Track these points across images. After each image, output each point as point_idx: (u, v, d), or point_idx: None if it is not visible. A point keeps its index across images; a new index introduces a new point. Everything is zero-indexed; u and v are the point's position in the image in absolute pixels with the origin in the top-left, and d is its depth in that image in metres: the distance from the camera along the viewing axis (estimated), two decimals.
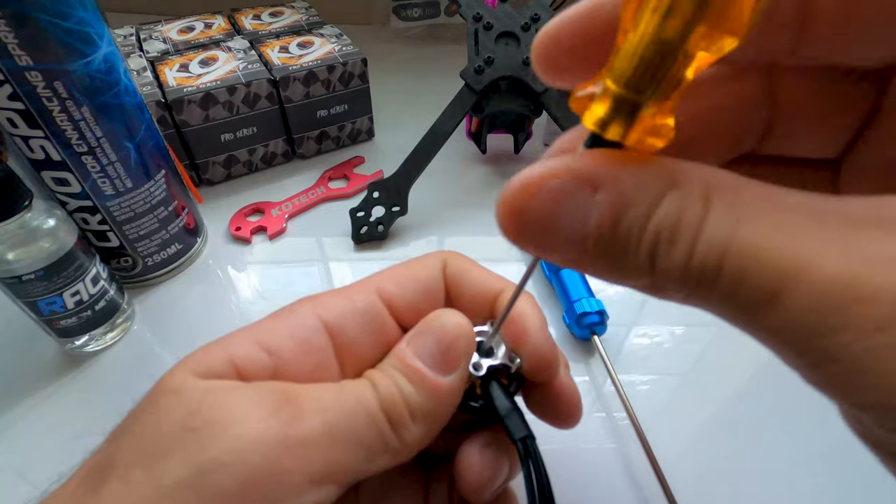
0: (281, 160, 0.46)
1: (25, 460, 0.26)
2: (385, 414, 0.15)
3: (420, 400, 0.16)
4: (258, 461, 0.13)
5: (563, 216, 0.10)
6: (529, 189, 0.10)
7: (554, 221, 0.10)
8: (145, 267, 0.34)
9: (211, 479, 0.13)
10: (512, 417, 0.17)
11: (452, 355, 0.16)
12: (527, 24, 0.38)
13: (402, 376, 0.16)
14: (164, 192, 0.33)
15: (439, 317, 0.17)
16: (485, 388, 0.17)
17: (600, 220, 0.10)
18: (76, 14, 0.25)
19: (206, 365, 0.15)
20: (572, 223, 0.10)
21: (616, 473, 0.26)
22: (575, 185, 0.10)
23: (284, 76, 0.40)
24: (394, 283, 0.19)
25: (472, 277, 0.19)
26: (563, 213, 0.10)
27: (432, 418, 0.16)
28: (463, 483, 0.17)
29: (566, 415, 0.19)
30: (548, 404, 0.19)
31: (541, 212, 0.10)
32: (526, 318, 0.18)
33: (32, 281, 0.26)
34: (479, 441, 0.18)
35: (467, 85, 0.38)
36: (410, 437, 0.16)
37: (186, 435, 0.14)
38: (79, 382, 0.30)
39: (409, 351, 0.16)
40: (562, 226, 0.10)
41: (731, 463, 0.26)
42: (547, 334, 0.18)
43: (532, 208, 0.10)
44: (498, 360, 0.17)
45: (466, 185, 0.44)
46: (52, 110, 0.26)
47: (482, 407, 0.17)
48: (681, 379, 0.29)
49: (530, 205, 0.10)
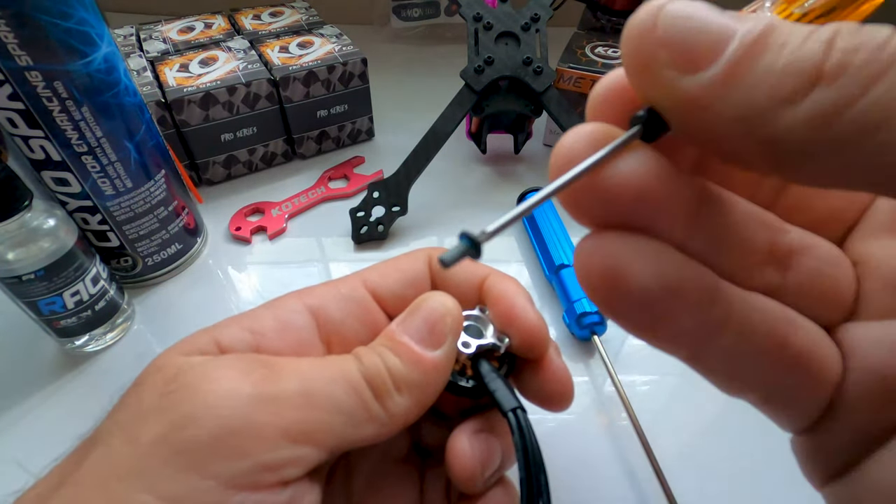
0: (281, 160, 0.46)
1: (25, 460, 0.26)
2: (368, 383, 0.15)
3: (405, 371, 0.16)
4: (229, 413, 0.14)
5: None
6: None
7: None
8: (145, 267, 0.34)
9: (184, 434, 0.13)
10: (501, 390, 0.17)
11: (439, 330, 0.16)
12: (527, 24, 0.38)
13: (389, 351, 0.16)
14: (164, 192, 0.33)
15: (427, 298, 0.17)
16: (475, 367, 0.17)
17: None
18: (76, 14, 0.25)
19: (191, 345, 0.16)
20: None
21: (616, 473, 0.26)
22: None
23: (284, 76, 0.40)
24: (378, 274, 0.19)
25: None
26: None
27: (419, 390, 0.16)
28: (453, 470, 0.17)
29: (559, 395, 0.19)
30: (539, 386, 0.19)
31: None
32: (512, 295, 0.18)
33: (32, 281, 0.26)
34: (469, 427, 0.18)
35: (467, 85, 0.38)
36: (395, 408, 0.16)
37: (163, 400, 0.14)
38: (79, 382, 0.30)
39: (398, 329, 0.17)
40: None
41: (731, 463, 0.26)
42: (534, 309, 0.18)
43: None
44: (487, 339, 0.18)
45: (466, 185, 0.44)
46: (52, 110, 0.26)
47: (473, 387, 0.17)
48: (681, 379, 0.29)
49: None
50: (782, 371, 0.12)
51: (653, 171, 0.10)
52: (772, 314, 0.12)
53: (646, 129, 0.10)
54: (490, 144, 0.45)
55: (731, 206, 0.13)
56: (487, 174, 0.45)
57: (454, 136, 0.39)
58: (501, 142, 0.46)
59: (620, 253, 0.11)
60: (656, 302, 0.11)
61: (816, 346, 0.12)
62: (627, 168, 0.10)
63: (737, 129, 0.09)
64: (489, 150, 0.45)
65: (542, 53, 0.38)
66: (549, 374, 0.19)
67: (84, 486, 0.14)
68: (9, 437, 0.27)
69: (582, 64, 0.42)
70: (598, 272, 0.11)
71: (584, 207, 0.11)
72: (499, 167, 0.45)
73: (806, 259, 0.13)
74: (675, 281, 0.11)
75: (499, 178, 0.44)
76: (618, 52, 0.44)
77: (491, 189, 0.43)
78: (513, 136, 0.45)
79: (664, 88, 0.10)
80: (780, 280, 0.13)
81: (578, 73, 0.42)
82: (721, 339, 0.12)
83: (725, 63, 0.09)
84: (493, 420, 0.18)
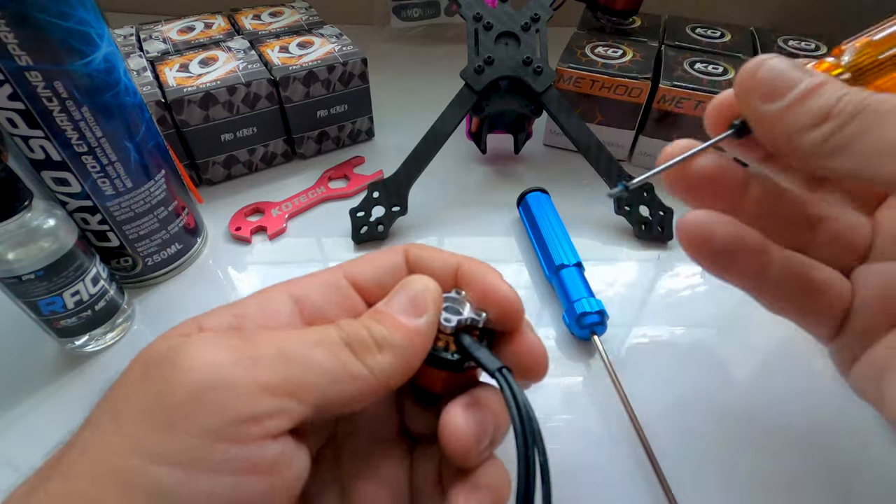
0: (281, 160, 0.46)
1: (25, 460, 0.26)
2: (348, 345, 0.16)
3: (387, 334, 0.17)
4: (206, 374, 0.14)
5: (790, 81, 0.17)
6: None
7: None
8: (145, 267, 0.34)
9: (165, 400, 0.14)
10: (485, 355, 0.18)
11: (420, 303, 0.18)
12: (527, 24, 0.38)
13: (372, 320, 0.17)
14: (164, 192, 0.33)
15: (408, 279, 0.19)
16: (457, 341, 0.18)
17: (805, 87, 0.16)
18: (76, 14, 0.25)
19: (175, 331, 0.16)
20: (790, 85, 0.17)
21: (616, 473, 0.26)
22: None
23: (284, 76, 0.40)
24: (358, 265, 0.20)
25: (433, 255, 0.20)
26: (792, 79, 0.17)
27: (401, 352, 0.17)
28: (449, 445, 0.17)
29: (535, 364, 0.20)
30: (517, 358, 0.20)
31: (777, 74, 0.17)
32: (486, 272, 0.20)
33: (32, 281, 0.26)
34: (460, 402, 0.18)
35: (467, 85, 0.38)
36: (377, 365, 0.16)
37: (144, 378, 0.15)
38: (79, 382, 0.30)
39: (381, 306, 0.18)
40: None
41: (731, 463, 0.26)
42: (507, 285, 0.19)
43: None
44: (466, 315, 0.19)
45: (466, 185, 0.44)
46: (52, 110, 0.26)
47: (458, 360, 0.18)
48: (681, 379, 0.29)
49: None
50: (807, 295, 0.20)
51: (717, 163, 0.20)
52: (798, 259, 0.20)
53: (738, 131, 0.18)
54: (490, 144, 0.45)
55: (776, 192, 0.21)
56: (487, 174, 0.45)
57: (454, 136, 0.39)
58: (501, 142, 0.46)
59: (709, 222, 0.19)
60: (728, 251, 0.19)
61: (830, 280, 0.20)
62: (704, 160, 0.19)
63: (784, 138, 0.17)
64: (489, 150, 0.45)
65: (542, 53, 0.38)
66: (524, 347, 0.19)
67: (74, 464, 0.14)
68: (9, 437, 0.27)
69: (582, 64, 0.42)
70: (697, 235, 0.19)
71: (681, 183, 0.20)
72: (499, 167, 0.45)
73: (830, 223, 0.21)
74: (739, 238, 0.19)
75: (499, 178, 0.44)
76: (617, 51, 0.44)
77: (491, 189, 0.43)
78: (513, 136, 0.45)
79: (752, 109, 0.17)
80: (810, 238, 0.21)
81: (578, 73, 0.42)
82: (769, 274, 0.20)
83: (787, 101, 0.16)
84: (479, 396, 0.19)
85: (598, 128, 0.44)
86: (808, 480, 0.25)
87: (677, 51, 0.45)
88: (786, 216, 0.21)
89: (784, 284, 0.20)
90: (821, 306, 0.20)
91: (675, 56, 0.44)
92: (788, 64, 0.17)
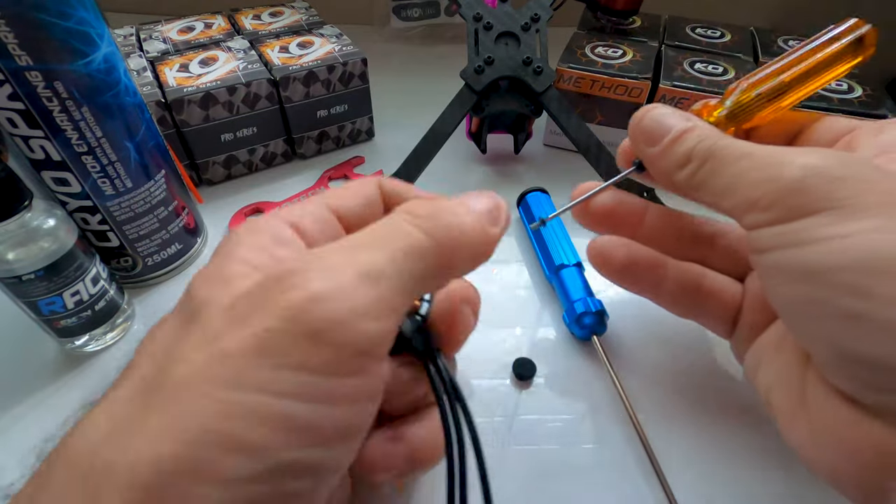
0: (281, 160, 0.46)
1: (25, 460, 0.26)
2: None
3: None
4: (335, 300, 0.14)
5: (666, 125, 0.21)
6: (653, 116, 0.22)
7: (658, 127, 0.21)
8: (145, 267, 0.34)
9: (280, 334, 0.13)
10: (416, 339, 0.19)
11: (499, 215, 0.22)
12: (527, 24, 0.38)
13: None
14: (164, 192, 0.33)
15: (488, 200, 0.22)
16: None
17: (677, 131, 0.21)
18: (76, 14, 0.25)
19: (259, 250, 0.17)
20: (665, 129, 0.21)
21: (616, 473, 0.26)
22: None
23: (284, 76, 0.40)
24: (336, 196, 0.20)
25: (408, 191, 0.22)
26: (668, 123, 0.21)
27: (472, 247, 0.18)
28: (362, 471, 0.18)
29: (458, 332, 0.20)
30: (444, 325, 0.20)
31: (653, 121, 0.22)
32: None
33: (32, 281, 0.26)
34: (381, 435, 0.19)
35: (467, 85, 0.38)
36: None
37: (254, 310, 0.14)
38: (79, 382, 0.30)
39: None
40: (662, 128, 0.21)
41: (732, 463, 0.26)
42: None
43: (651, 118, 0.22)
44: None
45: (466, 185, 0.44)
46: (52, 110, 0.26)
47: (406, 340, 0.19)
48: (681, 379, 0.29)
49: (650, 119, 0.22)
50: (700, 300, 0.25)
51: (614, 198, 0.26)
52: (693, 271, 0.25)
53: (638, 167, 0.23)
54: (490, 144, 0.45)
55: (673, 216, 0.26)
56: (487, 174, 0.45)
57: (454, 136, 0.39)
58: (501, 142, 0.46)
59: (609, 246, 0.26)
60: (627, 268, 0.26)
61: (722, 286, 0.25)
62: (603, 198, 0.26)
63: (664, 175, 0.21)
64: (489, 150, 0.45)
65: (542, 53, 0.38)
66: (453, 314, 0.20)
67: (169, 393, 0.13)
68: (8, 437, 0.27)
69: (582, 64, 0.42)
70: (598, 256, 0.26)
71: (585, 218, 0.26)
72: (499, 167, 0.45)
73: (723, 238, 0.25)
74: (634, 258, 0.25)
75: (499, 178, 0.44)
76: (617, 52, 0.44)
77: (491, 189, 0.42)
78: (513, 136, 0.45)
79: (640, 152, 0.22)
80: (708, 251, 0.25)
81: (578, 73, 0.42)
82: (665, 285, 0.25)
83: (661, 146, 0.21)
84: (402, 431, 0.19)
85: (598, 128, 0.44)
86: (813, 481, 0.25)
87: (677, 51, 0.45)
88: (684, 235, 0.26)
89: (679, 292, 0.25)
90: (713, 309, 0.25)
91: (675, 56, 0.44)
92: (667, 113, 0.21)
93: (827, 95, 0.39)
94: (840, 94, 0.39)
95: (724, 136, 0.19)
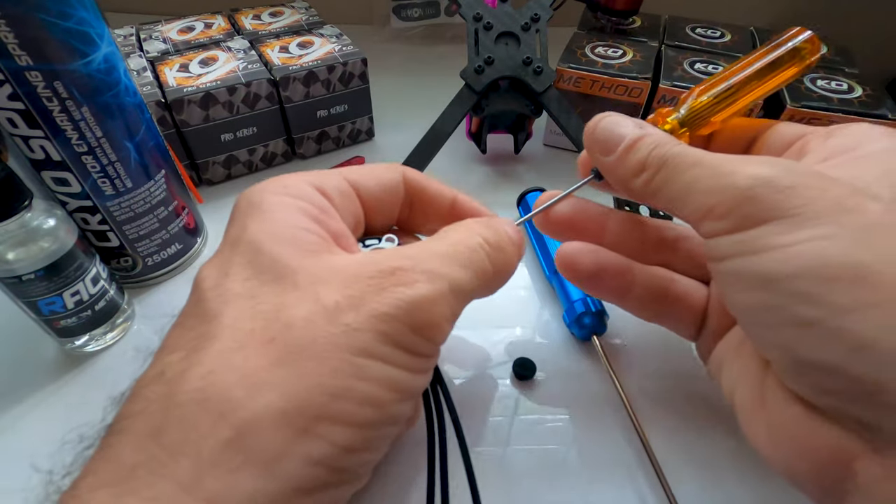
0: (281, 160, 0.46)
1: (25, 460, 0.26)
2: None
3: None
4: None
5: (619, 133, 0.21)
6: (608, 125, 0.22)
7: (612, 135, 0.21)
8: (145, 267, 0.34)
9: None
10: None
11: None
12: (527, 24, 0.38)
13: None
14: (164, 192, 0.33)
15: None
16: None
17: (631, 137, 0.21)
18: (76, 14, 0.25)
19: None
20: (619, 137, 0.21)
21: (616, 473, 0.26)
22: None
23: (284, 76, 0.40)
24: (358, 174, 0.22)
25: (430, 182, 0.24)
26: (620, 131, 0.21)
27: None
28: None
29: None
30: None
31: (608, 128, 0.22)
32: (478, 208, 0.24)
33: (32, 281, 0.26)
34: None
35: (467, 85, 0.38)
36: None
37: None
38: (79, 382, 0.30)
39: None
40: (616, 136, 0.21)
41: (731, 463, 0.26)
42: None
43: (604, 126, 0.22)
44: None
45: (466, 185, 0.44)
46: (52, 110, 0.26)
47: None
48: (681, 379, 0.29)
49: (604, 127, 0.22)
50: (666, 304, 0.25)
51: (574, 207, 0.25)
52: (659, 275, 0.25)
53: (597, 176, 0.23)
54: (490, 144, 0.45)
55: (635, 222, 0.25)
56: (487, 174, 0.45)
57: (454, 136, 0.39)
58: (501, 142, 0.46)
59: (576, 252, 0.25)
60: (595, 275, 0.25)
61: (687, 290, 0.25)
62: (562, 207, 0.25)
63: (620, 183, 0.21)
64: (489, 150, 0.45)
65: (542, 53, 0.38)
66: None
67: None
68: (8, 438, 0.27)
69: (582, 64, 0.42)
70: (566, 263, 0.25)
71: (546, 226, 0.26)
72: (499, 167, 0.45)
73: (686, 242, 0.25)
74: (600, 263, 0.25)
75: (499, 178, 0.44)
76: (617, 51, 0.44)
77: (491, 189, 0.43)
78: (513, 136, 0.45)
79: (596, 161, 0.22)
80: (672, 255, 0.25)
81: (578, 73, 0.42)
82: (632, 289, 0.25)
83: (616, 154, 0.21)
84: None
85: None
86: None
87: (677, 51, 0.45)
88: (648, 240, 0.25)
89: (647, 298, 0.25)
90: (679, 312, 0.25)
91: (675, 56, 0.44)
92: (619, 121, 0.21)
93: (827, 96, 0.39)
94: (840, 94, 0.39)
95: (677, 143, 0.19)
